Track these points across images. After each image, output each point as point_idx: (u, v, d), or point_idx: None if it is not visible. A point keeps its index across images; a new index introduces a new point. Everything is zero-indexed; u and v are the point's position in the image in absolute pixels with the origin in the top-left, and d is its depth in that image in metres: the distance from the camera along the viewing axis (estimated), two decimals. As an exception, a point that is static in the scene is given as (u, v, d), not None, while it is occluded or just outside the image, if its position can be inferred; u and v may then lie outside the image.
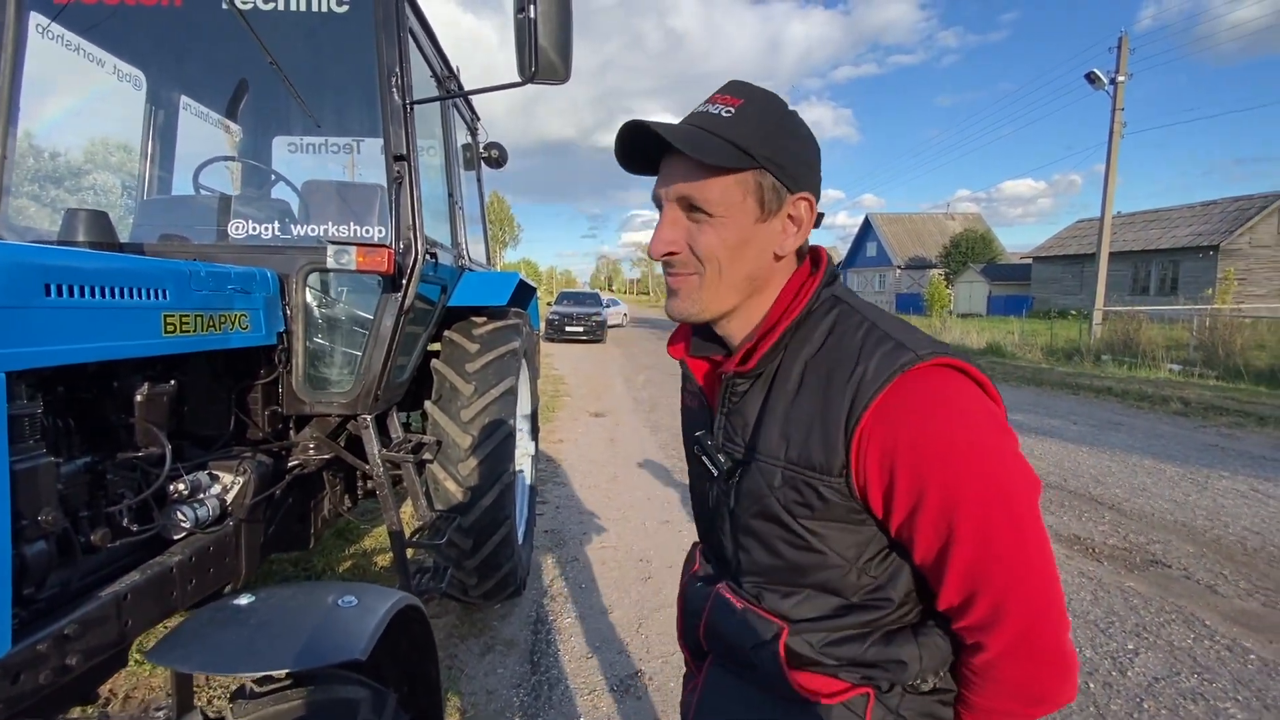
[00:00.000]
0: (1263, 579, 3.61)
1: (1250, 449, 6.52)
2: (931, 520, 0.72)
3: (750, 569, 0.86)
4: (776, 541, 0.81)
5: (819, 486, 0.75)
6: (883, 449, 0.71)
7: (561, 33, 2.01)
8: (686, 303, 0.82)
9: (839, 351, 0.77)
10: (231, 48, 2.55)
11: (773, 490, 0.79)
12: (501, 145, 3.82)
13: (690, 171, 0.77)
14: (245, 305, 1.94)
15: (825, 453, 0.74)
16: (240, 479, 1.95)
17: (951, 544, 0.71)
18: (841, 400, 0.74)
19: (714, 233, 0.78)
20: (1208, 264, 24.04)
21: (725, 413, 0.87)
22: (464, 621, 3.01)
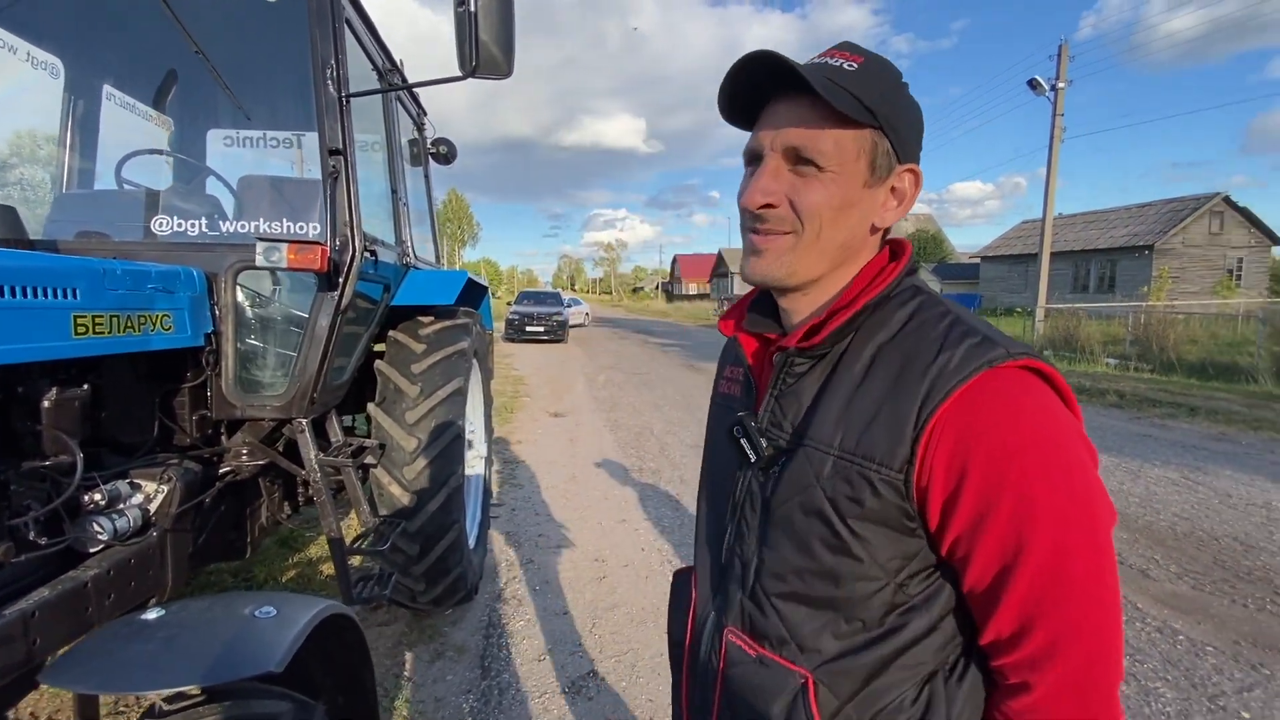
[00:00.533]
0: (1191, 562, 3.80)
1: (1181, 439, 6.87)
2: (999, 534, 0.63)
3: (775, 569, 0.77)
4: (813, 540, 0.73)
5: (874, 480, 0.68)
6: (955, 447, 0.64)
7: (503, 27, 1.98)
8: (774, 264, 0.75)
9: (918, 339, 0.71)
10: (158, 35, 2.43)
11: (820, 480, 0.71)
12: (450, 141, 3.75)
13: (808, 118, 0.71)
14: (167, 305, 1.85)
15: (888, 443, 0.67)
16: (164, 487, 1.86)
17: (1017, 564, 0.63)
18: (916, 389, 0.67)
19: (822, 189, 0.72)
20: (1143, 263, 25.27)
21: (776, 394, 0.79)
22: (413, 628, 2.94)
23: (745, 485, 0.82)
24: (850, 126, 0.71)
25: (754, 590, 0.79)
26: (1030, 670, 0.65)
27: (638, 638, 2.95)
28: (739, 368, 0.91)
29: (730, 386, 0.94)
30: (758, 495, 0.79)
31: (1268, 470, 5.64)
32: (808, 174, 0.72)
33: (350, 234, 2.12)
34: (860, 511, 0.69)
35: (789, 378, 0.79)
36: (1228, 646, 2.90)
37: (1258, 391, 9.47)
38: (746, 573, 0.80)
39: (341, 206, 2.11)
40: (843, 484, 0.70)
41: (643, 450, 6.40)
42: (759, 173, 0.74)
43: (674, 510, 4.64)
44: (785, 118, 0.72)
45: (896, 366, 0.70)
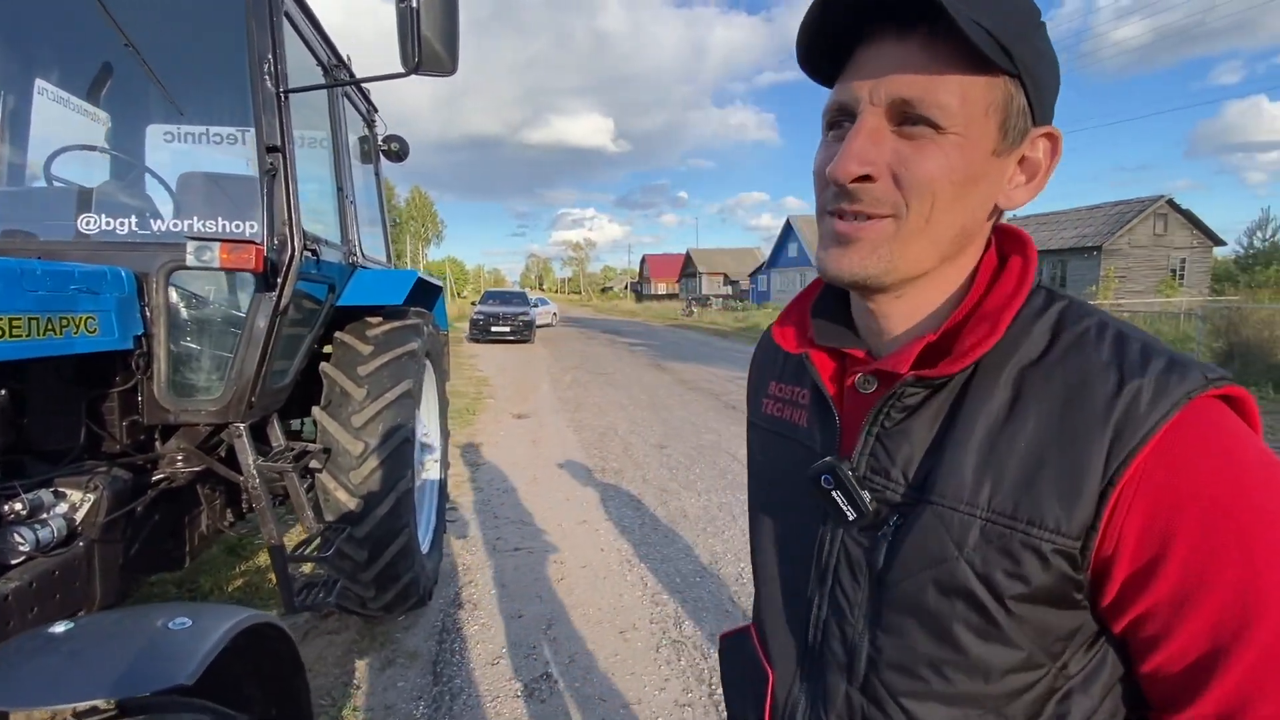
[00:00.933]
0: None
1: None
2: (1214, 610, 0.49)
3: (902, 661, 0.60)
4: (956, 626, 0.57)
5: (1045, 551, 0.52)
6: (1156, 507, 0.50)
7: (447, 23, 1.96)
8: (869, 258, 0.57)
9: (1082, 363, 0.55)
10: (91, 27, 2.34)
11: (963, 551, 0.55)
12: (402, 138, 3.69)
13: (923, 61, 0.53)
14: (92, 307, 1.78)
15: (1064, 504, 0.52)
16: (91, 496, 1.79)
17: (1233, 645, 0.49)
18: (1099, 432, 0.51)
19: (941, 156, 0.54)
20: (1092, 263, 26.26)
21: (877, 432, 0.62)
22: (364, 635, 2.89)
23: (838, 547, 0.65)
24: (981, 73, 0.53)
25: (868, 683, 0.63)
26: None
27: (593, 638, 2.95)
28: (801, 389, 0.74)
29: (788, 411, 0.75)
30: (862, 564, 0.63)
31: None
32: (920, 136, 0.54)
33: (289, 233, 2.07)
34: (1024, 590, 0.54)
35: (896, 411, 0.61)
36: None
37: (1195, 386, 9.91)
38: (855, 660, 0.64)
39: (280, 205, 2.06)
40: (999, 556, 0.54)
41: (606, 451, 6.40)
42: (854, 132, 0.55)
43: (635, 511, 4.65)
44: (891, 61, 0.54)
45: (1058, 400, 0.54)
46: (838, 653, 0.65)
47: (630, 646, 2.88)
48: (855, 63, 0.57)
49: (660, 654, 2.83)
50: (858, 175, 0.55)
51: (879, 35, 0.55)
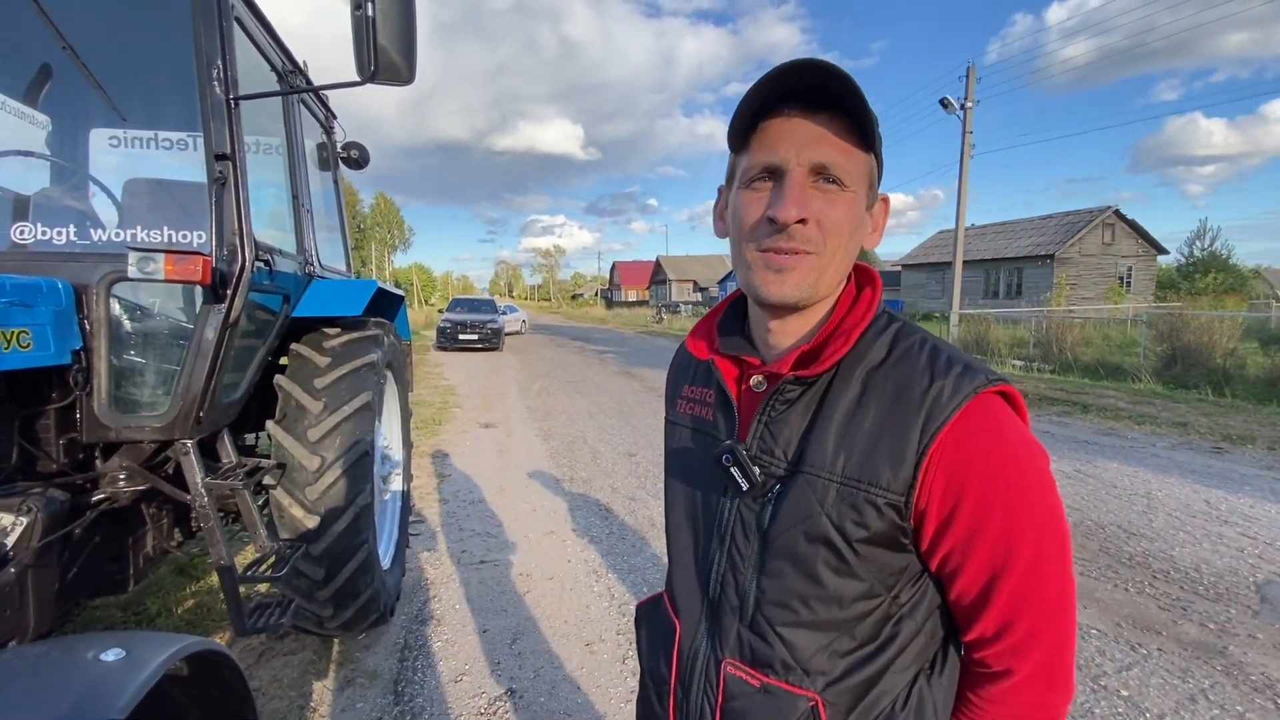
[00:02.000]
0: (1080, 551, 4.08)
1: (1075, 434, 7.40)
2: (988, 547, 0.70)
3: (779, 598, 0.77)
4: (819, 566, 0.74)
5: (879, 503, 0.71)
6: (951, 471, 0.69)
7: (403, 31, 1.92)
8: (801, 283, 0.73)
9: (908, 367, 0.74)
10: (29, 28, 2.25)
11: (824, 507, 0.73)
12: (362, 145, 3.62)
13: (835, 136, 0.71)
14: (25, 320, 1.70)
15: (892, 468, 0.70)
16: (24, 519, 1.70)
17: (1003, 572, 0.70)
18: (915, 416, 0.70)
19: (845, 208, 0.72)
20: (1046, 271, 27.20)
21: (765, 420, 0.79)
22: (322, 656, 2.80)
23: (733, 514, 0.81)
24: (864, 150, 0.74)
25: (755, 620, 0.79)
26: (1012, 658, 0.73)
27: (559, 651, 2.91)
28: (708, 390, 0.90)
29: (698, 409, 0.92)
30: (752, 524, 0.79)
31: (1149, 462, 6.15)
32: (832, 192, 0.72)
33: (239, 243, 2.01)
34: (865, 535, 0.72)
35: (779, 404, 0.79)
36: (1110, 629, 3.13)
37: (1142, 389, 10.35)
38: (745, 603, 0.80)
39: (229, 214, 1.99)
40: (848, 509, 0.72)
41: (574, 460, 6.35)
42: (790, 186, 0.71)
43: (604, 520, 4.62)
44: (810, 132, 0.71)
45: (890, 394, 0.73)
46: (732, 599, 0.81)
47: (597, 659, 2.85)
48: (772, 129, 0.73)
49: (627, 665, 2.80)
50: (799, 218, 0.71)
51: (788, 112, 0.72)
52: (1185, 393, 9.88)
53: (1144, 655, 2.91)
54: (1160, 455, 6.42)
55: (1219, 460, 6.22)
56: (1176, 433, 7.38)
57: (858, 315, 0.79)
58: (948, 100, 16.35)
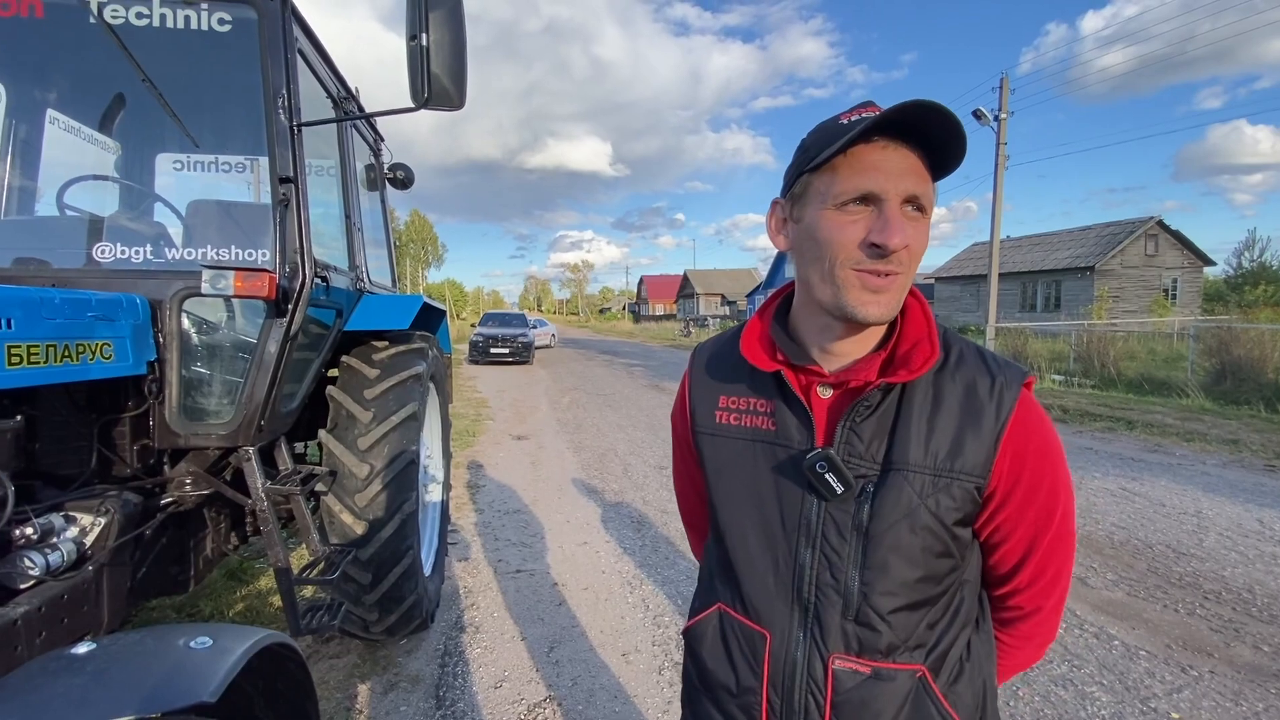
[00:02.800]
0: (1127, 570, 3.97)
1: (1121, 451, 7.19)
2: (1036, 511, 0.84)
3: (887, 588, 0.83)
4: (921, 553, 0.83)
5: (968, 487, 0.82)
6: (1016, 450, 0.82)
7: (454, 60, 2.03)
8: (893, 303, 0.81)
9: (970, 368, 0.85)
10: (104, 61, 2.42)
11: (923, 498, 0.81)
12: (407, 166, 3.76)
13: (921, 169, 0.79)
14: (108, 333, 1.82)
15: (976, 456, 0.81)
16: (102, 520, 1.81)
17: (1044, 529, 0.85)
18: (988, 409, 0.82)
19: (926, 234, 0.81)
20: (1086, 283, 26.50)
21: (849, 426, 0.85)
22: (366, 659, 2.88)
23: (822, 517, 0.86)
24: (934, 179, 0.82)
25: (860, 612, 0.84)
26: (1042, 597, 0.91)
27: (596, 661, 2.94)
28: (763, 400, 0.93)
29: (751, 419, 0.94)
30: (848, 524, 0.84)
31: (1199, 480, 5.94)
32: (916, 219, 0.79)
33: (300, 260, 2.12)
34: (959, 516, 0.83)
35: (863, 409, 0.85)
36: (1159, 650, 3.04)
37: (1190, 405, 9.99)
38: (849, 598, 0.84)
39: (291, 233, 2.11)
40: (945, 497, 0.82)
41: (605, 472, 6.40)
42: (893, 214, 0.77)
43: (636, 532, 4.65)
44: (904, 164, 0.77)
45: (961, 393, 0.84)
46: (832, 597, 0.86)
47: (633, 669, 2.88)
48: (860, 158, 0.78)
49: (663, 676, 2.82)
50: (903, 245, 0.77)
51: (883, 142, 0.78)
52: (1236, 409, 9.50)
53: (1195, 677, 2.82)
54: (1210, 473, 6.20)
55: (1272, 479, 5.98)
56: (1227, 450, 7.11)
57: (922, 323, 0.87)
58: (980, 112, 16.17)
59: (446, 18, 1.99)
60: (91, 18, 2.05)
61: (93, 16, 2.05)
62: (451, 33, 2.01)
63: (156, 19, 2.16)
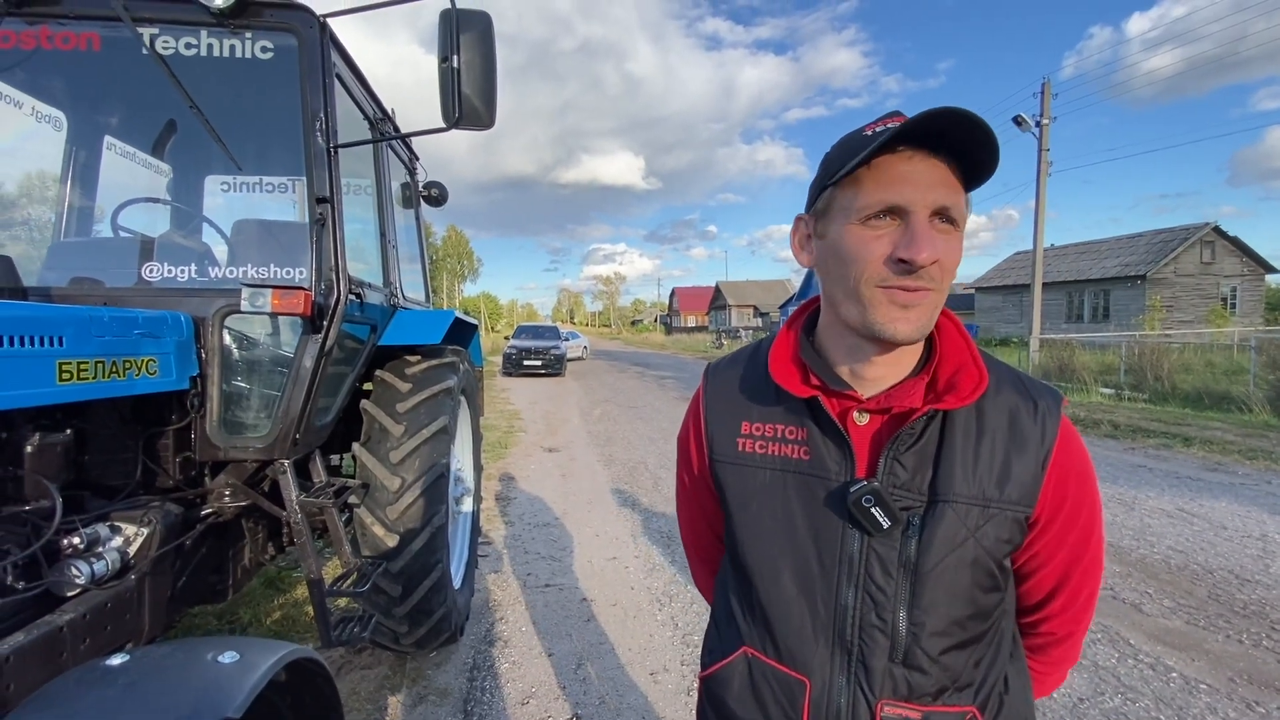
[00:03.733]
0: (1186, 597, 3.76)
1: (1177, 469, 6.84)
2: (1077, 535, 0.82)
3: (937, 628, 0.78)
4: (972, 588, 0.78)
5: (1019, 519, 0.78)
6: (1060, 475, 0.79)
7: (485, 82, 2.07)
8: (925, 320, 0.75)
9: (1010, 393, 0.82)
10: (156, 89, 2.54)
11: (974, 532, 0.77)
12: (441, 184, 3.85)
13: (951, 179, 0.74)
14: (154, 350, 1.89)
15: (1023, 486, 0.78)
16: (145, 530, 1.87)
17: (1080, 554, 0.83)
18: (1035, 436, 0.79)
19: (958, 247, 0.76)
20: (1137, 292, 25.49)
21: (893, 454, 0.79)
22: (397, 671, 2.91)
23: (865, 553, 0.80)
24: (967, 189, 0.77)
25: (909, 654, 0.78)
26: (1074, 623, 0.89)
27: (623, 679, 2.91)
28: (794, 427, 0.86)
29: (781, 448, 0.86)
30: (893, 560, 0.79)
31: (1264, 501, 5.61)
32: (949, 233, 0.74)
33: (335, 278, 2.17)
34: (1009, 549, 0.80)
35: (906, 436, 0.80)
36: (1222, 684, 2.86)
37: (1253, 421, 9.47)
38: (896, 640, 0.79)
39: (327, 252, 2.17)
40: (992, 529, 0.78)
41: (636, 485, 6.38)
42: (921, 228, 0.72)
43: (666, 549, 4.61)
44: (932, 175, 0.73)
45: (1006, 419, 0.80)
46: (879, 640, 0.80)
47: (661, 689, 2.84)
48: (885, 170, 0.73)
49: (691, 698, 2.77)
50: (933, 260, 0.72)
51: (908, 152, 0.73)
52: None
53: (1262, 714, 2.64)
54: (1276, 494, 5.84)
55: (1348, 501, 5.61)
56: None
57: (961, 346, 0.83)
58: (1022, 118, 15.78)
59: (477, 40, 2.04)
60: (144, 49, 2.15)
61: (145, 48, 2.15)
62: (482, 55, 2.06)
63: (204, 49, 2.25)
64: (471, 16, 2.05)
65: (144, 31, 2.14)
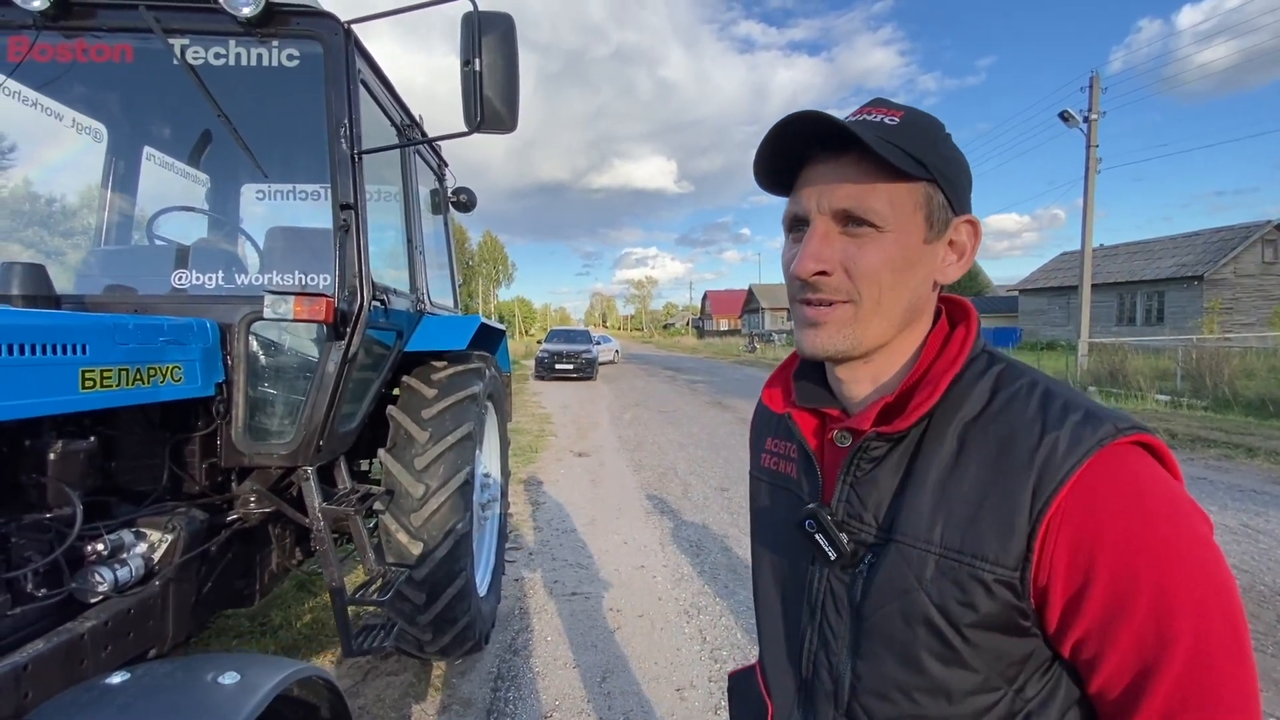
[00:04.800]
0: (1253, 621, 3.51)
1: (1240, 482, 6.45)
2: (1135, 633, 0.57)
3: (877, 688, 0.68)
4: (920, 653, 0.65)
5: (987, 581, 0.61)
6: (1077, 541, 0.58)
7: (507, 85, 2.04)
8: (835, 337, 0.69)
9: (1011, 417, 0.65)
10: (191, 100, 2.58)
11: (922, 583, 0.64)
12: (470, 190, 3.85)
13: (856, 175, 0.66)
14: (179, 357, 1.90)
15: (999, 539, 0.61)
16: (169, 536, 1.88)
17: (1159, 663, 0.56)
18: (1024, 476, 0.61)
19: (878, 250, 0.66)
20: (1193, 294, 24.33)
21: (850, 481, 0.72)
22: (421, 679, 2.89)
23: (823, 584, 0.74)
24: (902, 180, 0.66)
25: (851, 708, 0.71)
26: None
27: (649, 694, 2.83)
28: (792, 445, 0.83)
29: (780, 463, 0.85)
30: (843, 598, 0.71)
31: (1338, 517, 5.24)
32: (863, 235, 0.67)
33: (359, 284, 2.16)
34: (974, 617, 0.62)
35: (864, 463, 0.71)
36: (1297, 718, 2.64)
37: (1324, 430, 8.89)
38: (839, 688, 0.72)
39: (351, 258, 2.16)
40: (951, 586, 0.63)
41: (666, 492, 6.30)
42: (808, 237, 0.68)
43: (695, 558, 4.52)
44: (830, 177, 0.67)
45: (993, 450, 0.64)
46: (825, 682, 0.74)
47: (688, 706, 2.75)
48: (803, 178, 0.70)
49: (719, 717, 2.68)
50: (815, 271, 0.67)
51: (817, 157, 0.69)
52: (1382, 435, 8.39)
53: (1346, 756, 2.42)
54: (1353, 510, 5.45)
55: None
56: (1373, 483, 6.26)
57: (948, 359, 0.71)
58: (1068, 113, 15.21)
59: (499, 42, 2.01)
60: (175, 60, 2.18)
61: (175, 59, 2.18)
62: (504, 58, 2.03)
63: (233, 58, 2.27)
64: (494, 19, 2.02)
65: (174, 42, 2.17)
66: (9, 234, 3.03)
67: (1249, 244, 24.33)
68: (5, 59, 2.20)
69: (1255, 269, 24.71)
